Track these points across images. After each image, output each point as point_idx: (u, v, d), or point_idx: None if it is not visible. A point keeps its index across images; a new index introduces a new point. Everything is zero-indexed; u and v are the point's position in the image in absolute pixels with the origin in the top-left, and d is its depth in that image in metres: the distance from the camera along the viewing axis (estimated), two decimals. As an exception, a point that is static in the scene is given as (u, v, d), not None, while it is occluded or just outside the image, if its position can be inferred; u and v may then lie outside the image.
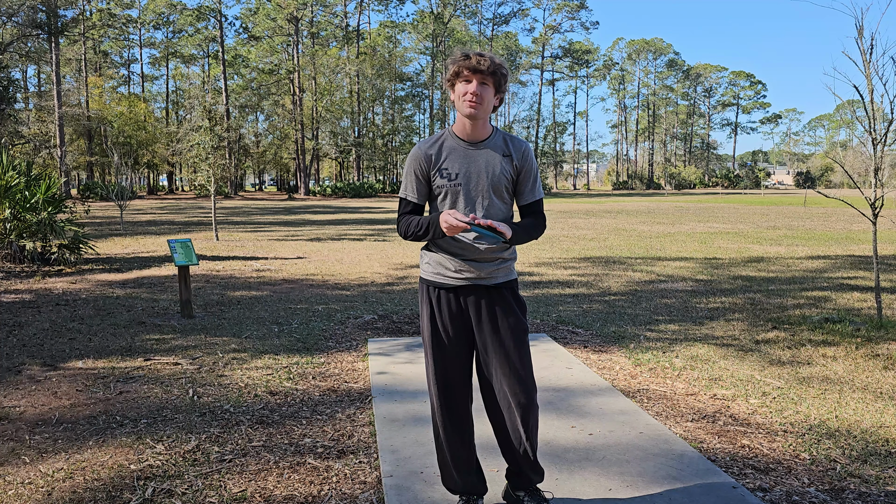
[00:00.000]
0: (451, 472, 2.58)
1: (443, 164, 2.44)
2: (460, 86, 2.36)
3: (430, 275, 2.51)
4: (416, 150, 2.48)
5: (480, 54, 2.36)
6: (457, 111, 2.42)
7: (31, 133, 41.74)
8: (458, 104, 2.38)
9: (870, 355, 4.92)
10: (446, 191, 2.44)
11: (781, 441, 3.35)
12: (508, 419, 2.51)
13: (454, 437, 2.53)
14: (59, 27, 40.33)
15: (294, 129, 57.01)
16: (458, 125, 2.46)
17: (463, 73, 2.34)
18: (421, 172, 2.46)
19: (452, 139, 2.47)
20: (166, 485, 2.88)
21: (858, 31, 5.84)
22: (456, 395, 2.52)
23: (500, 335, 2.47)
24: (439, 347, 2.50)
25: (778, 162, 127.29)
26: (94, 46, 57.85)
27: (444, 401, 2.51)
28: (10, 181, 9.94)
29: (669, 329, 5.82)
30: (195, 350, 5.13)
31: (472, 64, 2.33)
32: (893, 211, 28.38)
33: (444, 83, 2.49)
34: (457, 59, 2.37)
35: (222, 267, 10.03)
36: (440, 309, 2.49)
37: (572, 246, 13.20)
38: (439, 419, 2.53)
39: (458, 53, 2.38)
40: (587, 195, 60.82)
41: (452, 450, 2.55)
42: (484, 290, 2.48)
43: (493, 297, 2.48)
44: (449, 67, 2.40)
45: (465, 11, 68.79)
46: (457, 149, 2.45)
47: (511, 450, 2.54)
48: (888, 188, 7.28)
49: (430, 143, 2.48)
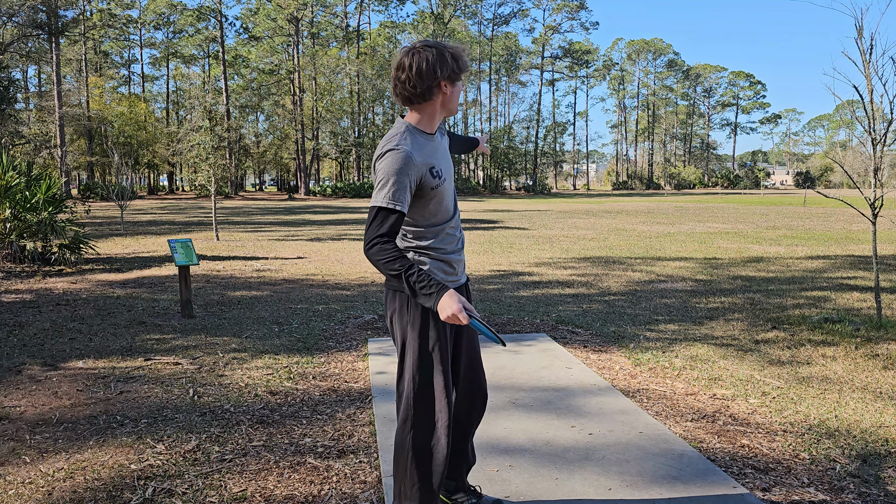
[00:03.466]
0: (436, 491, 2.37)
1: (431, 162, 2.24)
2: (458, 86, 2.27)
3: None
4: (404, 150, 2.15)
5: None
6: (440, 106, 2.26)
7: (32, 133, 41.75)
8: (450, 103, 2.26)
9: (869, 355, 4.92)
10: (436, 192, 2.25)
11: (781, 441, 3.35)
12: (466, 411, 2.52)
13: (448, 451, 2.35)
14: (60, 27, 40.34)
15: (294, 130, 57.02)
16: (425, 120, 2.26)
17: (462, 74, 2.28)
18: (416, 176, 2.18)
19: (420, 135, 2.25)
20: (167, 484, 2.89)
21: (858, 32, 5.84)
22: (451, 411, 2.37)
23: (471, 331, 2.49)
24: (445, 357, 2.33)
25: (777, 162, 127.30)
26: (94, 47, 57.85)
27: (449, 416, 2.32)
28: (11, 181, 9.94)
29: (669, 329, 5.83)
30: (195, 350, 5.13)
31: (468, 68, 2.31)
32: (893, 211, 28.37)
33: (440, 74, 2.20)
34: (459, 56, 2.24)
35: (223, 267, 10.03)
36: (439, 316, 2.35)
37: (572, 246, 13.20)
38: (443, 435, 2.30)
39: (460, 52, 2.25)
40: (587, 195, 60.83)
41: (444, 466, 2.35)
42: (463, 286, 2.48)
43: (464, 294, 2.49)
44: (451, 62, 2.22)
45: (465, 12, 68.82)
46: (431, 144, 2.27)
47: (464, 440, 2.55)
48: (888, 188, 7.28)
49: (412, 141, 2.21)
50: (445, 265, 2.35)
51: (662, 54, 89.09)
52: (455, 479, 2.61)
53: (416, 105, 2.24)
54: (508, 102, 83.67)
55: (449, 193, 2.34)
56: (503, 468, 2.99)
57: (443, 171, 2.29)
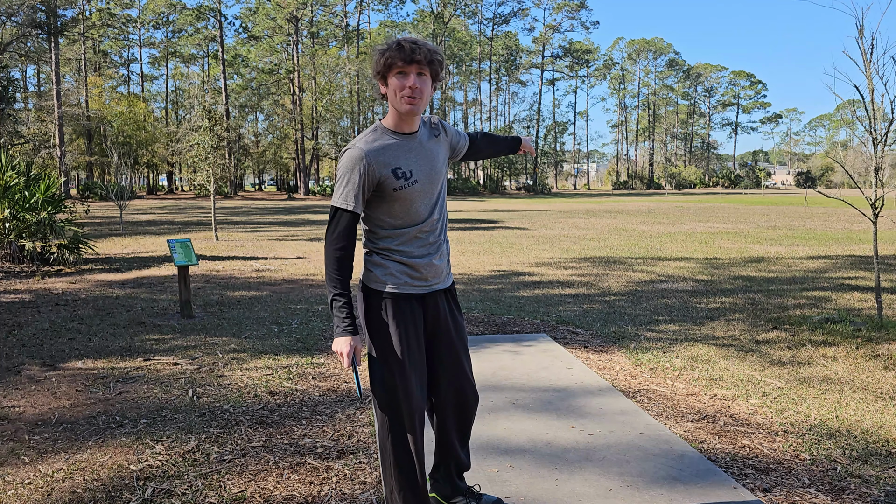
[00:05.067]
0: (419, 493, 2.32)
1: (395, 163, 2.17)
2: (395, 80, 2.11)
3: (394, 285, 2.25)
4: (359, 148, 2.13)
5: (413, 41, 2.10)
6: (390, 107, 2.18)
7: (31, 133, 41.74)
8: (393, 100, 2.14)
9: (870, 355, 4.92)
10: (402, 194, 2.18)
11: (782, 441, 3.34)
12: (455, 417, 2.45)
13: (416, 462, 2.29)
14: (59, 27, 40.34)
15: (294, 129, 57.02)
16: (391, 120, 2.21)
17: (397, 65, 2.09)
18: (369, 175, 2.13)
19: (389, 135, 2.21)
20: (166, 485, 2.88)
21: (859, 31, 5.83)
22: (420, 417, 2.29)
23: (451, 336, 2.38)
24: (413, 360, 2.26)
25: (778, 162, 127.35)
26: (93, 46, 57.85)
27: (415, 424, 2.25)
28: (10, 181, 9.93)
29: (670, 329, 5.82)
30: (195, 350, 5.12)
31: (406, 54, 2.08)
32: (894, 211, 28.37)
33: (373, 77, 2.19)
34: (386, 49, 2.11)
35: (222, 267, 10.02)
36: (404, 319, 2.26)
37: (572, 246, 13.20)
38: (413, 446, 2.26)
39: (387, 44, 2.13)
40: (587, 195, 60.83)
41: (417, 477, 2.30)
42: (441, 292, 2.38)
43: (448, 298, 2.42)
44: (378, 59, 2.13)
45: (465, 11, 68.84)
46: (401, 145, 2.20)
47: (451, 445, 2.48)
48: (888, 188, 7.28)
49: (373, 140, 2.17)
50: (410, 269, 2.26)
51: (663, 54, 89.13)
52: (450, 483, 2.56)
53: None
54: (508, 102, 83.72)
55: (422, 196, 2.23)
56: (503, 468, 2.98)
57: (413, 172, 2.20)
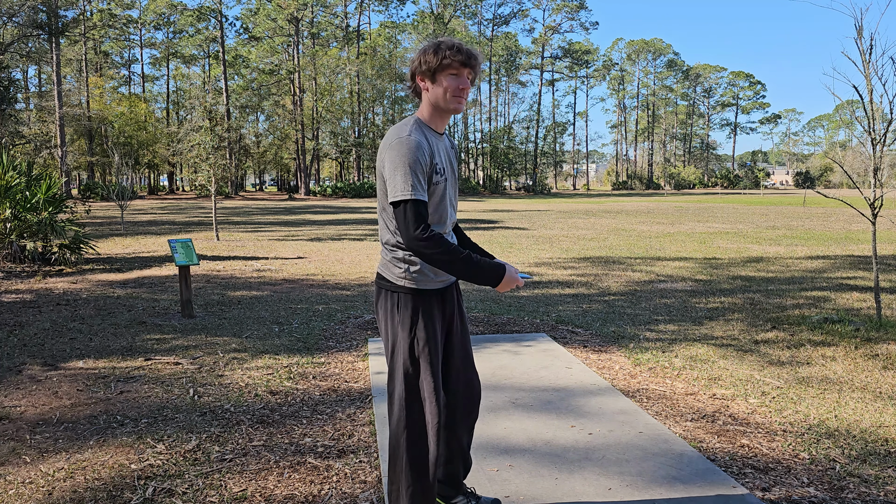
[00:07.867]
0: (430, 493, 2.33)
1: (435, 158, 2.23)
2: (448, 80, 2.21)
3: (419, 281, 2.29)
4: (417, 139, 2.17)
5: (466, 46, 2.22)
6: (433, 104, 2.25)
7: (32, 133, 41.78)
8: (440, 98, 2.22)
9: (869, 355, 4.93)
10: (437, 189, 2.24)
11: (781, 441, 3.36)
12: (465, 410, 2.49)
13: (431, 461, 2.30)
14: (60, 27, 40.34)
15: (294, 130, 57.03)
16: (430, 116, 2.28)
17: (453, 66, 2.19)
18: (427, 167, 2.18)
19: (427, 129, 2.27)
20: (167, 484, 2.89)
21: (858, 32, 5.84)
22: (445, 413, 2.38)
23: (460, 330, 2.47)
24: (436, 358, 2.29)
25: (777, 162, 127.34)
26: (94, 47, 57.86)
27: (442, 417, 2.30)
28: (11, 181, 9.95)
29: (669, 329, 5.83)
30: (196, 350, 5.13)
31: (465, 57, 2.19)
32: (892, 211, 28.37)
33: (415, 72, 2.26)
34: (443, 49, 2.19)
35: (223, 267, 10.04)
36: (431, 316, 2.31)
37: (572, 246, 13.21)
38: (433, 437, 2.28)
39: (440, 44, 2.21)
40: (587, 195, 60.83)
41: (430, 476, 2.31)
42: (453, 286, 2.45)
43: (457, 294, 2.48)
44: (428, 58, 2.20)
45: (465, 12, 68.84)
46: (435, 141, 2.27)
47: (460, 442, 2.51)
48: (887, 188, 7.28)
49: (421, 132, 2.22)
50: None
51: (662, 54, 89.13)
52: (455, 486, 2.57)
53: (421, 100, 2.31)
54: (508, 102, 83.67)
55: (447, 195, 2.31)
56: (503, 468, 2.99)
57: (444, 169, 2.29)
